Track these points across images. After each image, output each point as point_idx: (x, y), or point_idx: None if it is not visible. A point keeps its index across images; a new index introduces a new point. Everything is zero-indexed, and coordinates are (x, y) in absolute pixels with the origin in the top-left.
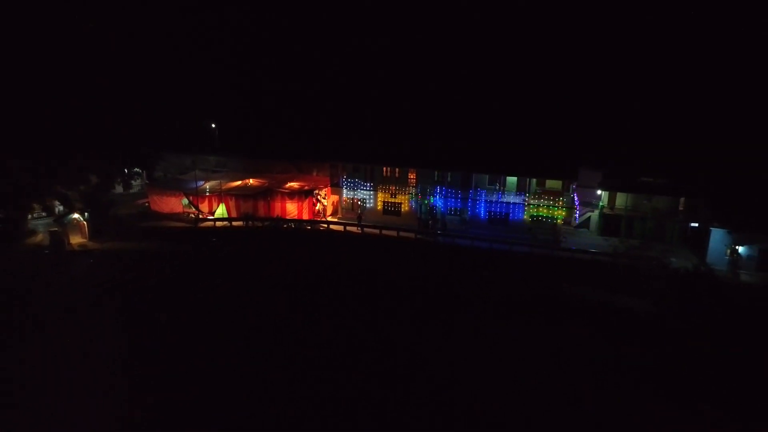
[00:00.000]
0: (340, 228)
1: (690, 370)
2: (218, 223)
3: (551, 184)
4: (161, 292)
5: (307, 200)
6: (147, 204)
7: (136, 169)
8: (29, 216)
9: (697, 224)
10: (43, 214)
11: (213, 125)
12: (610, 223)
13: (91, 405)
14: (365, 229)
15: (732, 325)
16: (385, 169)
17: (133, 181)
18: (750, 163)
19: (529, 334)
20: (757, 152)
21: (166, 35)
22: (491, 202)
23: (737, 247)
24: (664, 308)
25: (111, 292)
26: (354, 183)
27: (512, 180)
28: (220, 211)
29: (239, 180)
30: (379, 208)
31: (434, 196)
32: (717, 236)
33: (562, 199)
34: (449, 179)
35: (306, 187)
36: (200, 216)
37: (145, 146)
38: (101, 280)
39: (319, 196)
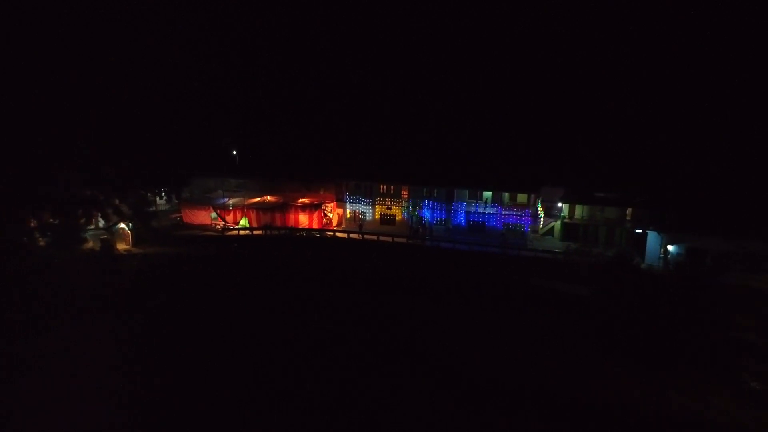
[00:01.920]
0: (344, 235)
1: (613, 333)
2: (242, 232)
3: (521, 198)
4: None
5: (316, 212)
6: (179, 217)
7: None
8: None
9: (640, 230)
10: (100, 223)
11: (234, 152)
12: (570, 230)
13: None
14: (365, 236)
15: (645, 299)
16: (381, 186)
17: (173, 196)
18: (677, 179)
19: (499, 314)
20: (683, 170)
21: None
22: (470, 212)
23: (668, 246)
24: (596, 290)
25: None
26: (355, 198)
27: (488, 194)
28: (243, 222)
29: (258, 197)
30: (377, 218)
31: (423, 208)
32: (653, 238)
33: (529, 210)
34: (435, 194)
35: (315, 202)
36: (226, 226)
37: (181, 170)
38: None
39: (326, 210)
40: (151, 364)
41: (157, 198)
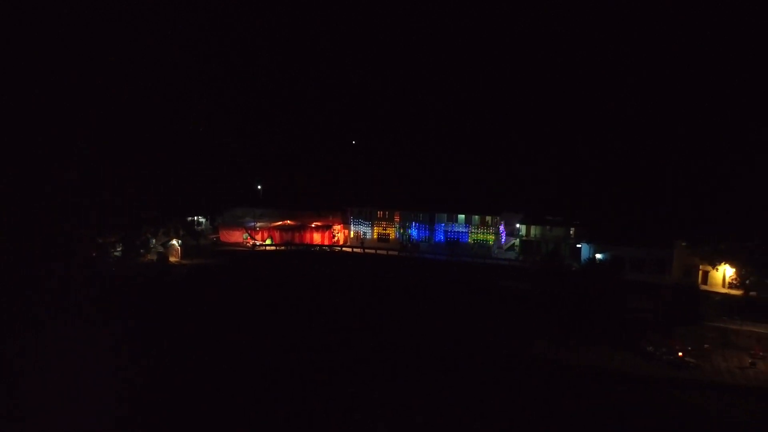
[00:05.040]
0: (350, 250)
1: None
2: (268, 248)
3: (487, 220)
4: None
5: (327, 232)
6: (216, 237)
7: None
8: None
9: (579, 244)
10: (152, 242)
11: (258, 186)
12: (527, 245)
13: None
14: (366, 251)
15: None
16: (378, 211)
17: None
18: (605, 204)
19: (470, 306)
20: (609, 198)
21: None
22: (448, 231)
23: (597, 255)
24: (533, 286)
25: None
26: (358, 221)
27: (461, 217)
28: (269, 240)
29: (279, 221)
30: (375, 237)
31: (411, 228)
32: (585, 249)
33: (492, 229)
34: (420, 217)
35: (326, 224)
36: (255, 243)
37: (219, 202)
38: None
39: (334, 231)
40: (163, 364)
41: (204, 221)
